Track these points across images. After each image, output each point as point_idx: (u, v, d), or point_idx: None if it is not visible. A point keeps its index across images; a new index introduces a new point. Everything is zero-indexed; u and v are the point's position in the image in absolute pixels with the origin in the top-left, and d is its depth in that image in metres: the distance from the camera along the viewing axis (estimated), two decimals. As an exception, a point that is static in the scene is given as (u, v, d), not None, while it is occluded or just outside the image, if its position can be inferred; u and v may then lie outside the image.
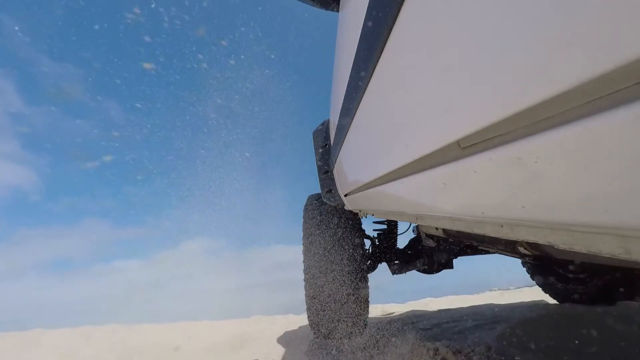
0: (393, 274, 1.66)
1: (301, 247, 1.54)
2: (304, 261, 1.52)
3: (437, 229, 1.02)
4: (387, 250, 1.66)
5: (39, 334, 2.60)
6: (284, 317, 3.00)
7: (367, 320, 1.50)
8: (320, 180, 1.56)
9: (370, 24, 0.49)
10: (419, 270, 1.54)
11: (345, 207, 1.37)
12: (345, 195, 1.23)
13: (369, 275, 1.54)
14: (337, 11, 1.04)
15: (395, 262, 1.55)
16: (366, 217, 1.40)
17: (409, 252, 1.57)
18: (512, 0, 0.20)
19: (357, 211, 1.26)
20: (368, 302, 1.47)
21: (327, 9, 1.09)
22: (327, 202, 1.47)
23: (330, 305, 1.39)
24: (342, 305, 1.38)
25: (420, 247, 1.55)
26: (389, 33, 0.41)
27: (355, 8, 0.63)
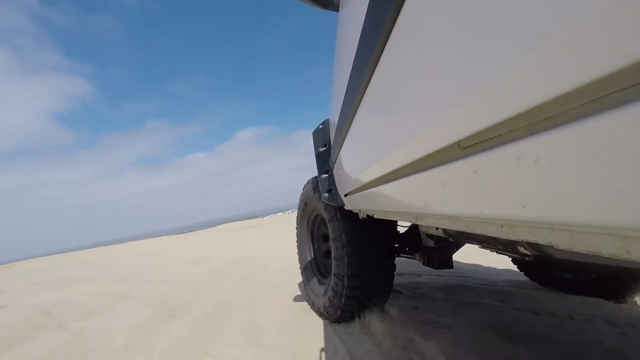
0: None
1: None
2: None
3: (437, 228, 1.02)
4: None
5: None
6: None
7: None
8: (320, 180, 1.57)
9: (370, 23, 0.49)
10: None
11: (345, 207, 1.37)
12: (345, 195, 1.23)
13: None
14: (337, 11, 1.04)
15: (395, 245, 1.58)
16: (366, 216, 1.40)
17: (409, 239, 1.60)
18: (512, 1, 0.20)
19: (357, 211, 1.26)
20: None
21: (327, 9, 1.09)
22: (327, 202, 1.47)
23: None
24: None
25: (418, 242, 1.57)
26: (389, 33, 0.41)
27: (355, 8, 0.63)
